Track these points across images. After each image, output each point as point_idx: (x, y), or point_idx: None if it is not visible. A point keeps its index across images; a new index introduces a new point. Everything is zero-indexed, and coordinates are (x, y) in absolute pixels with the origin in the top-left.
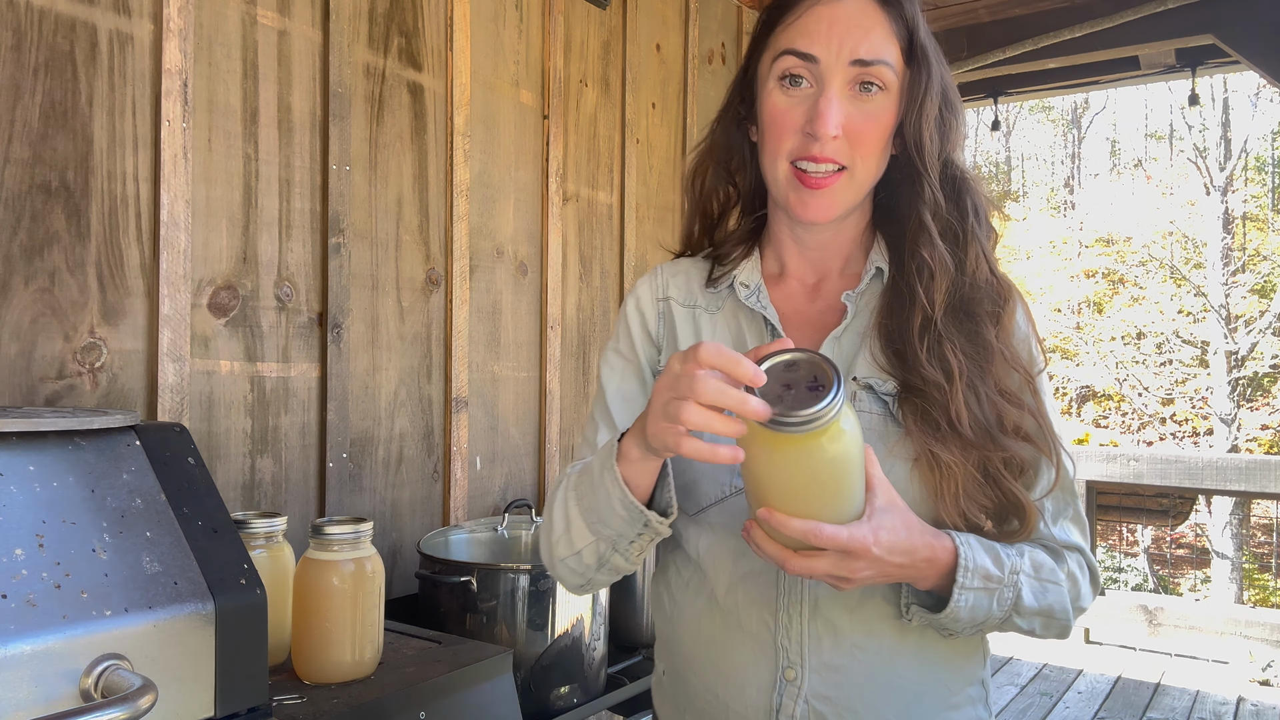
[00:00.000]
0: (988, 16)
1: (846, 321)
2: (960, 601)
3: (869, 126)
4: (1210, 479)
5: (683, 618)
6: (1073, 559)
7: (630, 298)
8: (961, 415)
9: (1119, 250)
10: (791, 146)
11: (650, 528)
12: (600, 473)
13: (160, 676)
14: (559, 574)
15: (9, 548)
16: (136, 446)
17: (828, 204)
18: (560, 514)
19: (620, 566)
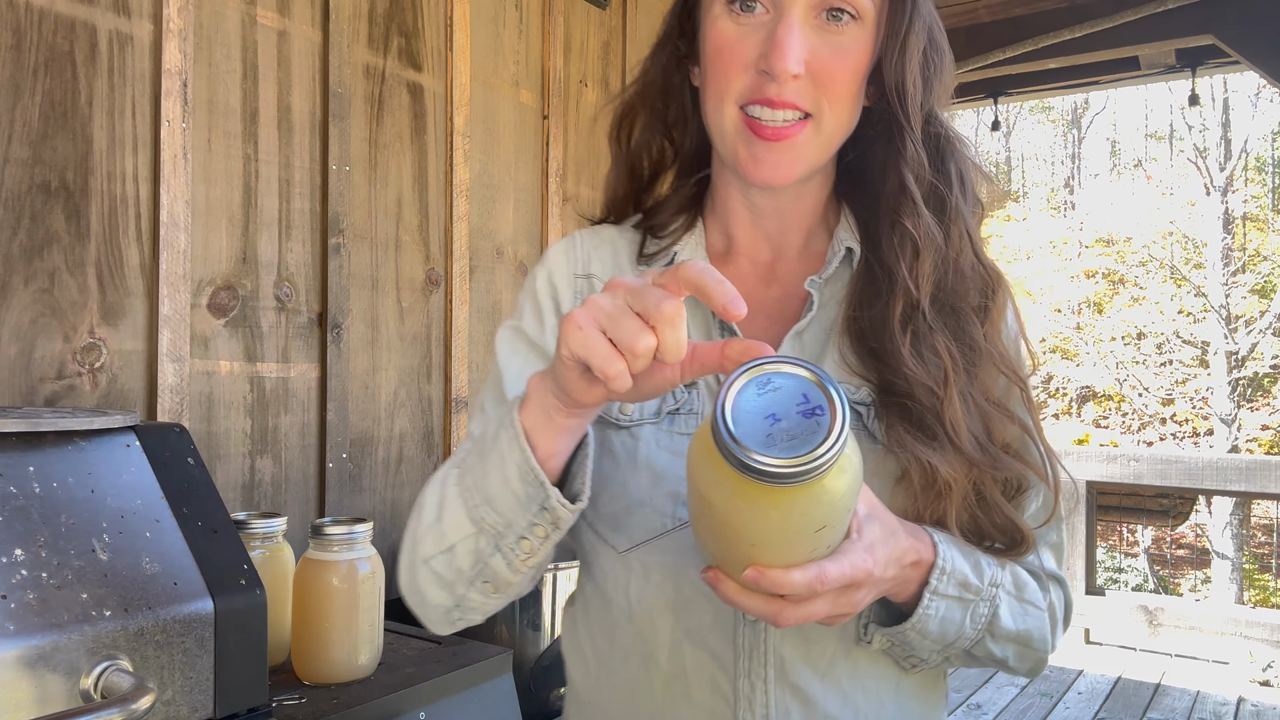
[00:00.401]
0: (988, 16)
1: (811, 314)
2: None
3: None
4: (1210, 479)
5: (610, 681)
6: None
7: (541, 269)
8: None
9: (1119, 250)
10: (742, 87)
11: (549, 512)
12: (495, 434)
13: (160, 677)
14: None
15: (8, 548)
16: (136, 447)
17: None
18: (434, 498)
19: (500, 578)
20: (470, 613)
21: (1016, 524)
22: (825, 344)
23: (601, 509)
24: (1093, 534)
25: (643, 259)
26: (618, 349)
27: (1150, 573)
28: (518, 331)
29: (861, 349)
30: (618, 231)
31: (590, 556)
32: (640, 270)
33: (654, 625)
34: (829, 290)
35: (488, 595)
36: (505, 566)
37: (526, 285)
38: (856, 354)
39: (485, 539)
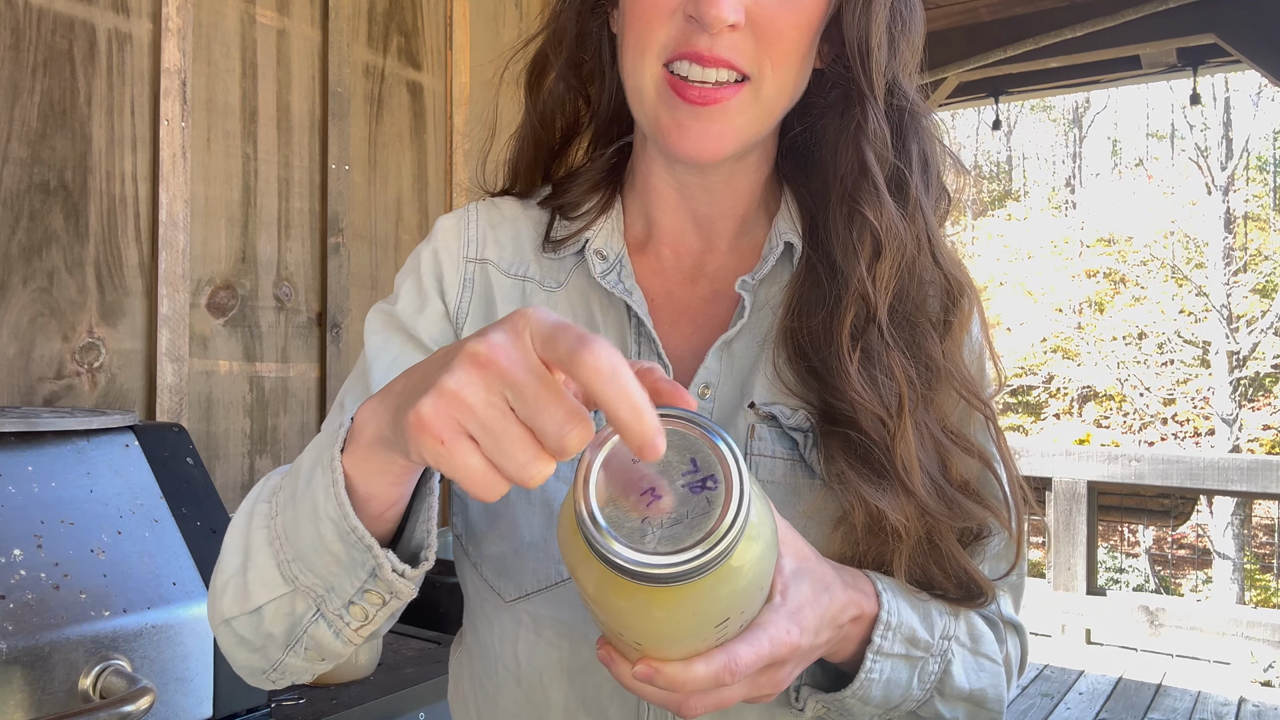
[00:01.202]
0: (989, 15)
1: (742, 321)
2: (873, 672)
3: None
4: (1212, 479)
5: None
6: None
7: (427, 245)
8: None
9: (1120, 250)
10: (666, 38)
11: (382, 580)
12: (309, 473)
13: (159, 677)
14: (224, 648)
15: (8, 548)
16: (135, 447)
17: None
18: (237, 541)
19: (328, 647)
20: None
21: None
22: (758, 357)
23: (487, 549)
24: (1093, 534)
25: (549, 244)
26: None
27: (1151, 573)
28: (390, 317)
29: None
30: (521, 208)
31: (474, 602)
32: (549, 259)
33: (545, 691)
34: (764, 292)
35: (313, 663)
36: (332, 637)
37: (409, 262)
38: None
39: (303, 601)
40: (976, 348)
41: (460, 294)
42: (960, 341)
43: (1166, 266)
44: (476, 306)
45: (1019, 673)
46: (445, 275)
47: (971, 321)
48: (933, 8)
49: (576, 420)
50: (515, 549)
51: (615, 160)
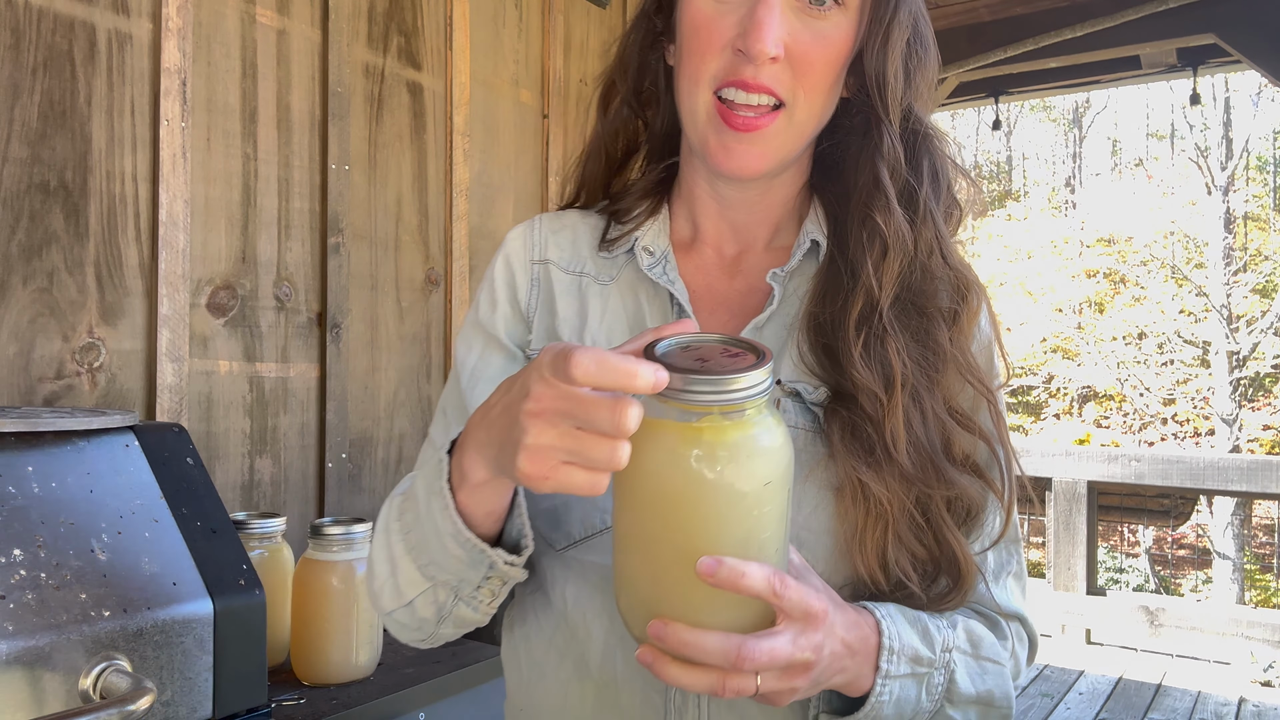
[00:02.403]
0: (989, 15)
1: (772, 307)
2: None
3: (818, 50)
4: (1212, 479)
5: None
6: (1014, 630)
7: (499, 254)
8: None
9: (1120, 250)
10: (717, 68)
11: (499, 570)
12: (427, 500)
13: (159, 677)
14: (391, 629)
15: (8, 548)
16: (135, 447)
17: (758, 152)
18: (382, 554)
19: (469, 619)
20: (448, 639)
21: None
22: (786, 341)
23: (541, 504)
24: (1093, 534)
25: (604, 244)
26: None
27: (1151, 573)
28: (474, 325)
29: (819, 347)
30: (580, 216)
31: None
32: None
33: (588, 629)
34: (792, 284)
35: (459, 629)
36: (471, 612)
37: (486, 273)
38: (814, 352)
39: (444, 591)
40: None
41: (529, 292)
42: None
43: (1166, 266)
44: (542, 301)
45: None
46: (516, 278)
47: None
48: (933, 8)
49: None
50: (565, 501)
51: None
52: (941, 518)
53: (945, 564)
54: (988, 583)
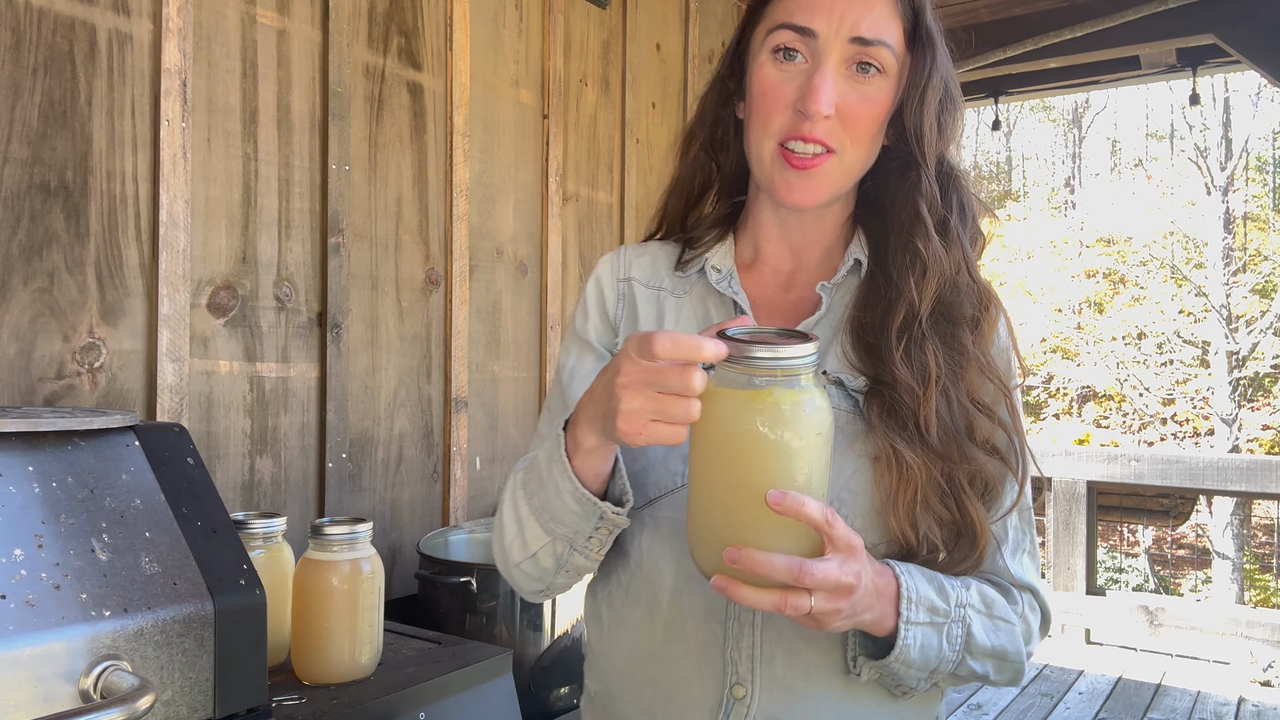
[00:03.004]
0: (988, 16)
1: (820, 313)
2: (908, 639)
3: (864, 109)
4: (1211, 479)
5: (620, 628)
6: (1025, 599)
7: (591, 278)
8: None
9: (1120, 250)
10: (781, 124)
11: (607, 520)
12: (548, 466)
13: (160, 677)
14: (515, 581)
15: (8, 548)
16: (135, 447)
17: (814, 187)
18: (511, 516)
19: (581, 566)
20: (560, 591)
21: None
22: (832, 339)
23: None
24: (1093, 534)
25: (680, 265)
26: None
27: (1151, 573)
28: (572, 334)
29: (860, 345)
30: (659, 245)
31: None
32: (679, 276)
33: (659, 572)
34: (838, 295)
35: (571, 578)
36: (584, 559)
37: (581, 293)
38: (856, 350)
39: (561, 544)
40: (1003, 346)
41: (616, 305)
42: (989, 339)
43: (1166, 267)
44: (627, 311)
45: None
46: (605, 294)
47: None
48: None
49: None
50: (643, 467)
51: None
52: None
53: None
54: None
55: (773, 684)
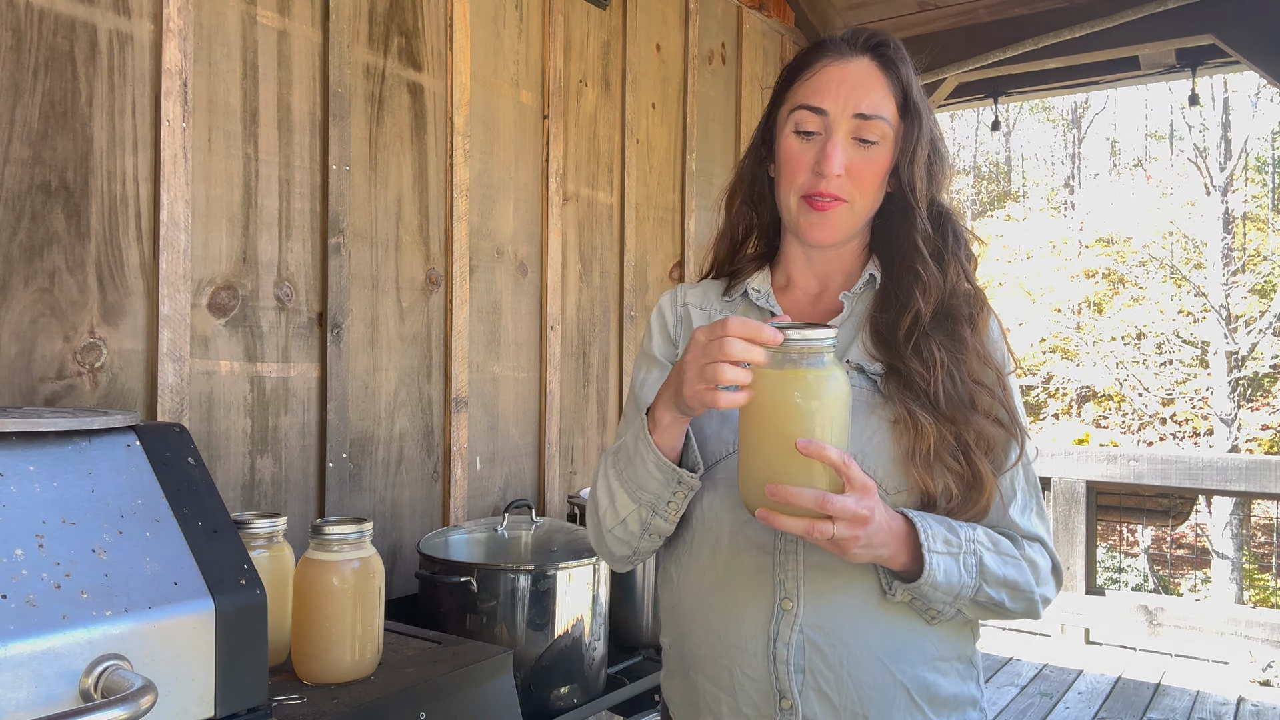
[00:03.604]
0: (988, 16)
1: (844, 315)
2: (933, 564)
3: (867, 168)
4: (1210, 479)
5: (686, 576)
6: (1033, 547)
7: (655, 309)
8: (939, 395)
9: (1119, 250)
10: (802, 183)
11: (684, 484)
12: (635, 444)
13: (160, 676)
14: (608, 546)
15: (9, 548)
16: (136, 447)
17: (830, 228)
18: (604, 490)
19: (661, 529)
20: (643, 556)
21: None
22: (853, 336)
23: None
24: (1093, 534)
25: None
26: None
27: (1150, 572)
28: (643, 353)
29: (877, 340)
30: (709, 282)
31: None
32: (725, 300)
33: (719, 521)
34: (857, 303)
35: (653, 543)
36: (663, 522)
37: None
38: (874, 343)
39: (645, 509)
40: (995, 340)
41: (675, 324)
42: (983, 334)
43: (1165, 267)
44: (684, 328)
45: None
46: (666, 317)
47: (990, 324)
48: (932, 9)
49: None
50: (702, 440)
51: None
52: (970, 446)
53: (973, 479)
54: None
55: (815, 597)
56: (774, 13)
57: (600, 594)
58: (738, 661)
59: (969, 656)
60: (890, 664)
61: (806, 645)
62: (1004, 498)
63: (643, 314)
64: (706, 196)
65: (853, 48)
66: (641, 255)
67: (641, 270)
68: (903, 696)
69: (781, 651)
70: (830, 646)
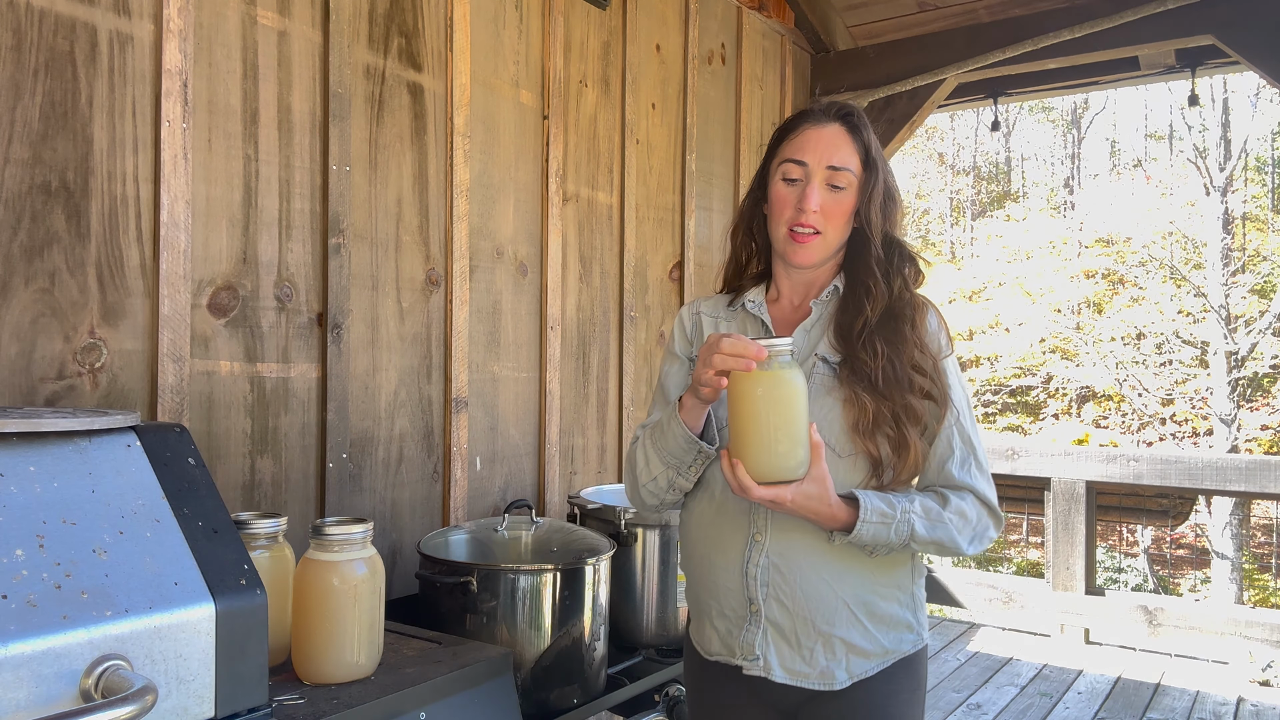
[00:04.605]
0: (988, 17)
1: (812, 319)
2: (862, 531)
3: (836, 208)
4: (1210, 479)
5: (690, 517)
6: (966, 499)
7: (676, 318)
8: (879, 378)
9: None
10: (788, 217)
11: (702, 453)
12: (668, 421)
13: (160, 676)
14: (641, 498)
15: (9, 548)
16: (137, 447)
17: (809, 253)
18: (641, 454)
19: (682, 486)
20: (667, 507)
21: (909, 437)
22: (821, 334)
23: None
24: (1092, 534)
25: (730, 305)
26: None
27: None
28: (667, 351)
29: (838, 336)
30: (719, 296)
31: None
32: (729, 310)
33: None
34: (823, 308)
35: (676, 497)
36: (685, 481)
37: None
38: (835, 338)
39: (672, 470)
40: (934, 329)
41: (693, 329)
42: (922, 329)
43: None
44: (698, 331)
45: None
46: (685, 322)
47: (928, 318)
48: (932, 9)
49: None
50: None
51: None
52: (901, 418)
53: (902, 444)
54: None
55: (778, 534)
56: (774, 13)
57: (600, 594)
58: (721, 577)
59: (908, 589)
60: (834, 584)
61: (770, 567)
62: (942, 456)
63: (642, 314)
64: (706, 196)
65: (828, 116)
66: (641, 255)
67: (641, 270)
68: (844, 610)
69: (751, 571)
70: (787, 568)
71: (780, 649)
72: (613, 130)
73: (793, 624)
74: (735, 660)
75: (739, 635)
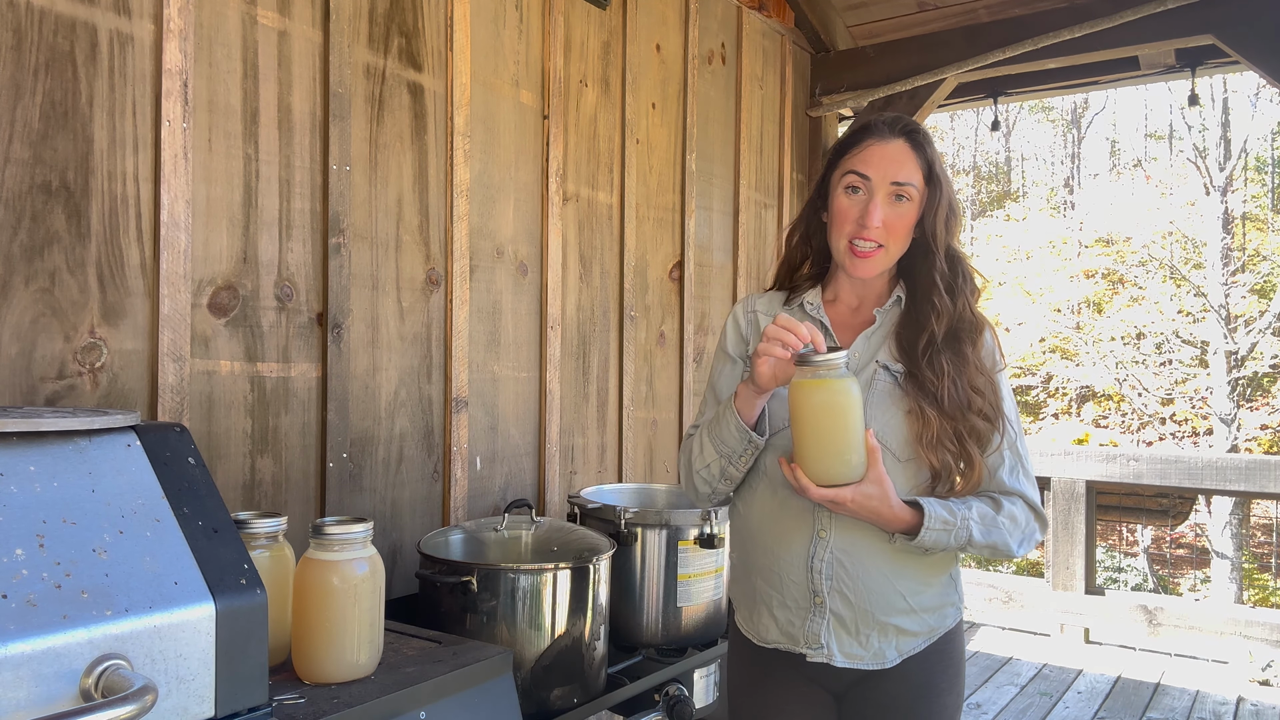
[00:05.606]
0: (988, 16)
1: (875, 326)
2: (925, 538)
3: (899, 222)
4: (1210, 479)
5: (751, 509)
6: (1017, 504)
7: (729, 315)
8: (943, 397)
9: (1119, 250)
10: (850, 230)
11: (752, 443)
12: (724, 413)
13: (160, 676)
14: (694, 484)
15: (9, 548)
16: (137, 447)
17: (869, 266)
18: (697, 443)
19: (734, 475)
20: (719, 496)
21: (973, 454)
22: (881, 344)
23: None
24: (1092, 533)
25: (786, 304)
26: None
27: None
28: (719, 349)
29: (900, 348)
30: (772, 293)
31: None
32: (785, 309)
33: (775, 470)
34: (886, 316)
35: (728, 485)
36: (736, 470)
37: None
38: (897, 350)
39: (724, 459)
40: (989, 349)
41: (746, 327)
42: (980, 346)
43: (1165, 267)
44: (753, 330)
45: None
46: (740, 321)
47: (985, 337)
48: (932, 9)
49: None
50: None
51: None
52: (965, 436)
53: (966, 460)
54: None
55: (842, 529)
56: (774, 13)
57: (600, 594)
58: (785, 570)
59: (951, 573)
60: (892, 578)
61: (834, 561)
62: (994, 464)
63: (643, 314)
64: (706, 196)
65: (892, 131)
66: (641, 255)
67: (641, 270)
68: (899, 599)
69: (816, 565)
70: (851, 563)
71: (840, 637)
72: (613, 130)
73: (854, 615)
74: (799, 649)
75: (802, 625)
